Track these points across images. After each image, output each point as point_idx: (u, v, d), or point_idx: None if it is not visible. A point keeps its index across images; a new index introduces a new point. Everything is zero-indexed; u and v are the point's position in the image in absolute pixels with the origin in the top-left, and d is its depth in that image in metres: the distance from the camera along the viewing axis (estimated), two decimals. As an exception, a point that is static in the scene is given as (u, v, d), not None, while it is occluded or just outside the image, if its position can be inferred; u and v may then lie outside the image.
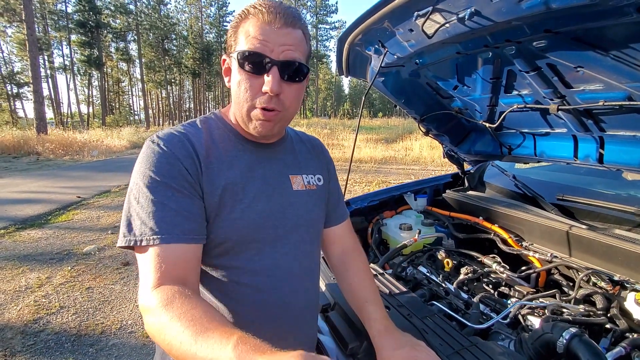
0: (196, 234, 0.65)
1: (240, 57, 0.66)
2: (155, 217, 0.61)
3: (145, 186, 0.63)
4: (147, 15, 39.87)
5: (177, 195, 0.64)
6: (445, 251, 1.54)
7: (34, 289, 3.04)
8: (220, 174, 0.70)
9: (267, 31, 0.65)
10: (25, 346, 2.30)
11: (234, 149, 0.75)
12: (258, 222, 0.72)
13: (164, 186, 0.63)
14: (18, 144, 13.04)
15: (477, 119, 1.75)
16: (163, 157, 0.65)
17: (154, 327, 0.55)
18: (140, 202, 0.62)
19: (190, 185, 0.66)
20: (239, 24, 0.68)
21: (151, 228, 0.61)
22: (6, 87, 32.40)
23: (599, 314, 1.04)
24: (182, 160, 0.66)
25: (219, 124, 0.77)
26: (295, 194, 0.80)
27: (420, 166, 10.67)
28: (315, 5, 52.38)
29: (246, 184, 0.73)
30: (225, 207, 0.69)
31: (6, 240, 4.17)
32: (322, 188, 0.90)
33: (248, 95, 0.68)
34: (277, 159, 0.81)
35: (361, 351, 0.90)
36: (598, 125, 1.30)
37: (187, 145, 0.68)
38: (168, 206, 0.62)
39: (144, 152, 0.67)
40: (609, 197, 1.55)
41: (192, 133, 0.72)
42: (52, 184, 7.50)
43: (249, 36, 0.65)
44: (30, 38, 14.49)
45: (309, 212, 0.82)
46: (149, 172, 0.64)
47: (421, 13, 1.06)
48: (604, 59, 0.99)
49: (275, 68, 0.65)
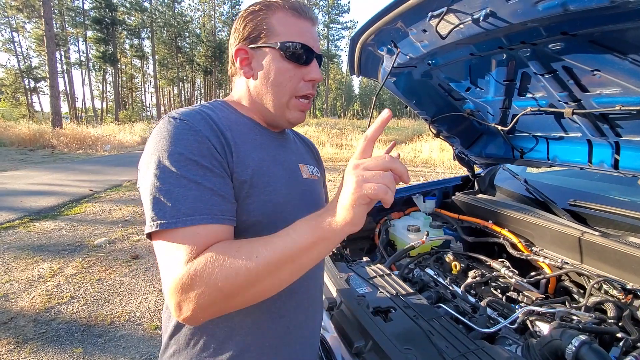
0: (231, 214, 0.62)
1: (291, 48, 0.69)
2: (190, 197, 0.56)
3: (172, 165, 0.57)
4: (161, 13, 40.40)
5: (209, 175, 0.59)
6: (453, 254, 1.52)
7: (46, 279, 3.11)
8: (248, 155, 0.68)
9: (307, 27, 0.72)
10: (37, 334, 2.35)
11: (251, 132, 0.74)
12: (284, 205, 0.72)
13: (195, 164, 0.58)
14: (34, 137, 13.37)
15: (489, 121, 1.73)
16: (190, 134, 0.60)
17: (214, 277, 0.50)
18: (170, 182, 0.56)
19: (220, 164, 0.62)
20: (267, 16, 0.70)
21: (189, 209, 0.55)
22: (24, 81, 33.20)
23: (610, 322, 1.02)
24: (210, 138, 0.62)
25: (231, 109, 0.76)
26: (305, 182, 0.82)
27: (429, 168, 10.59)
28: (328, 5, 52.28)
29: (270, 167, 0.72)
30: (257, 188, 0.67)
31: (21, 231, 4.27)
32: (321, 179, 0.93)
33: (292, 83, 0.72)
34: (288, 147, 0.83)
35: (367, 350, 0.90)
36: (614, 130, 1.27)
37: (211, 123, 0.65)
38: (203, 185, 0.58)
39: (164, 128, 0.60)
40: (624, 203, 1.51)
41: (211, 112, 0.68)
42: (66, 177, 7.66)
43: (292, 30, 0.70)
44: (48, 34, 14.81)
45: (316, 200, 0.84)
46: (176, 149, 0.58)
47: (435, 14, 1.05)
48: (622, 63, 0.97)
49: (315, 60, 0.73)
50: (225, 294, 0.51)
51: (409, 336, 0.91)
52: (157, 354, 2.21)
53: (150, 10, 38.39)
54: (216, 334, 0.68)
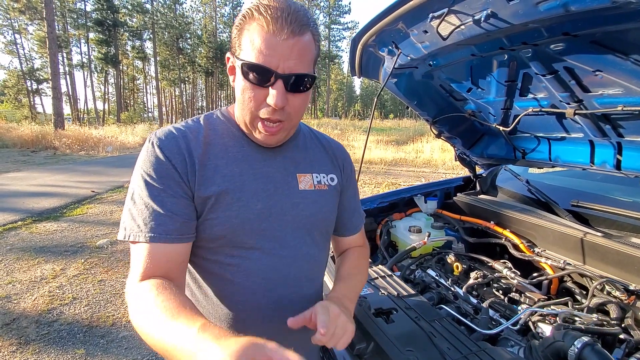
0: (179, 233, 0.66)
1: (245, 67, 0.63)
2: (142, 215, 0.65)
3: (137, 185, 0.67)
4: (162, 15, 40.49)
5: (162, 195, 0.66)
6: (454, 255, 1.52)
7: (48, 280, 3.12)
8: (217, 171, 0.70)
9: (272, 44, 0.60)
10: (39, 335, 2.36)
11: (236, 145, 0.74)
12: (254, 222, 0.71)
13: (151, 187, 0.66)
14: (36, 138, 13.42)
15: (490, 122, 1.72)
16: (153, 157, 0.67)
17: (134, 316, 0.60)
18: (133, 199, 0.67)
19: (177, 184, 0.67)
20: (244, 26, 0.64)
21: (138, 225, 0.64)
22: (26, 83, 33.34)
23: (612, 323, 1.02)
24: (172, 159, 0.67)
25: (224, 120, 0.77)
26: (301, 194, 0.78)
27: (430, 169, 10.57)
28: (328, 6, 52.37)
29: (246, 181, 0.72)
30: (222, 204, 0.69)
31: (23, 232, 4.29)
32: (334, 189, 0.85)
33: (252, 105, 0.66)
34: (284, 157, 0.79)
35: (368, 352, 0.90)
36: (616, 130, 1.27)
37: (180, 143, 0.69)
38: (152, 206, 0.65)
39: (142, 150, 0.70)
40: (626, 204, 1.51)
41: (191, 129, 0.72)
42: (68, 178, 7.69)
43: (254, 47, 0.61)
44: (50, 35, 14.87)
45: (315, 213, 0.79)
46: (140, 171, 0.67)
47: (436, 15, 1.05)
48: (624, 63, 0.97)
49: (280, 81, 0.63)
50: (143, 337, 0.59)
51: (410, 338, 0.91)
52: (158, 355, 2.21)
53: (151, 12, 38.50)
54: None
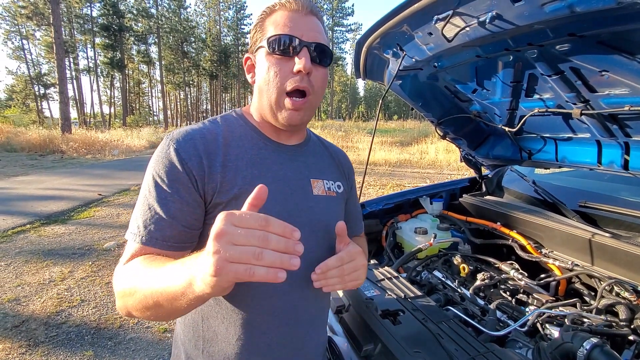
0: (176, 241, 0.64)
1: (272, 42, 0.68)
2: (144, 217, 0.64)
3: (147, 183, 0.66)
4: (167, 19, 40.89)
5: (169, 200, 0.64)
6: (461, 256, 1.52)
7: (57, 283, 3.16)
8: (238, 173, 0.69)
9: (295, 18, 0.69)
10: (48, 337, 2.39)
11: (254, 147, 0.74)
12: None
13: (159, 189, 0.64)
14: (44, 142, 13.59)
15: (496, 122, 1.72)
16: (167, 159, 0.65)
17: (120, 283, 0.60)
18: (140, 200, 0.66)
19: (187, 189, 0.65)
20: (265, 19, 0.71)
21: (138, 226, 0.64)
22: (34, 87, 33.83)
23: (621, 325, 1.01)
24: (188, 162, 0.65)
25: (241, 122, 0.77)
26: (314, 198, 0.78)
27: (435, 170, 10.53)
28: (332, 8, 52.52)
29: (265, 183, 0.72)
30: (241, 206, 0.68)
31: (32, 235, 4.34)
32: (342, 196, 0.87)
33: (278, 79, 0.68)
34: (299, 161, 0.80)
35: (375, 353, 0.91)
36: (623, 130, 1.26)
37: (198, 145, 0.67)
38: (156, 209, 0.63)
39: (158, 149, 0.68)
40: (634, 204, 1.49)
41: (210, 130, 0.71)
42: (75, 182, 7.77)
43: (278, 25, 0.68)
44: (57, 41, 15.08)
45: (326, 218, 0.79)
46: (152, 170, 0.66)
47: (441, 17, 1.06)
48: (631, 63, 0.97)
49: (306, 49, 0.68)
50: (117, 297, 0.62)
51: (418, 339, 0.91)
52: (165, 356, 2.23)
53: (156, 17, 38.90)
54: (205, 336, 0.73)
